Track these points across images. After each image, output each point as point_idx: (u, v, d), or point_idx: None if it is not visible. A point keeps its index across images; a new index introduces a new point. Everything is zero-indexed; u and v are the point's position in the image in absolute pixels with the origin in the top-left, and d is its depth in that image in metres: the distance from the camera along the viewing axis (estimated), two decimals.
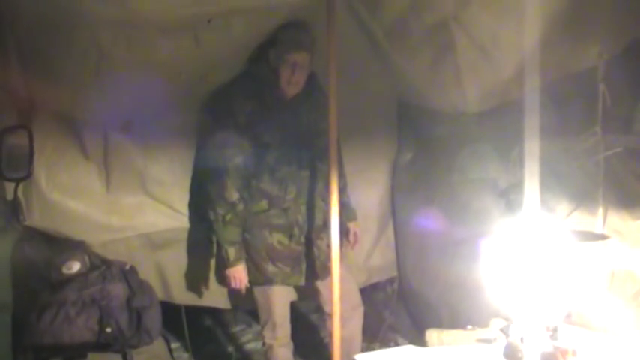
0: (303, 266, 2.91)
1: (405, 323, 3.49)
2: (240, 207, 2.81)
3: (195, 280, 3.23)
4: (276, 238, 2.85)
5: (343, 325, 2.74)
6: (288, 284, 2.94)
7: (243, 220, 2.83)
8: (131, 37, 2.45)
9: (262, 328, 2.99)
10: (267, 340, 2.97)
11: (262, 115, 2.78)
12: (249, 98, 2.79)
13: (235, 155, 2.77)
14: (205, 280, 3.22)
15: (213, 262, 3.20)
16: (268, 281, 2.89)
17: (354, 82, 3.10)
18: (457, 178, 3.04)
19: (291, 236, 2.87)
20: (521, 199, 1.77)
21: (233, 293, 3.19)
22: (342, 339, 2.72)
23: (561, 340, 1.97)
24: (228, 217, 2.79)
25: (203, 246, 3.18)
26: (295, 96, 2.83)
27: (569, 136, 2.38)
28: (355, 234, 3.14)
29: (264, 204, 2.84)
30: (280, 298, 2.94)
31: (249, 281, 2.88)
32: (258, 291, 2.94)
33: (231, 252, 2.81)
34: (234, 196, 2.78)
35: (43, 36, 2.44)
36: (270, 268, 2.87)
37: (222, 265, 2.96)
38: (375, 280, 3.63)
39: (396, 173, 3.55)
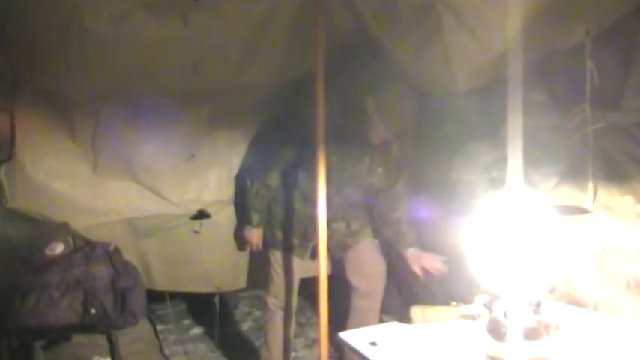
0: (311, 243, 2.98)
1: (396, 303, 3.49)
2: (275, 186, 3.06)
3: (177, 268, 3.24)
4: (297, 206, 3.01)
5: (363, 296, 3.07)
6: (296, 255, 3.06)
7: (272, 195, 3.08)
8: (115, 12, 2.42)
9: (266, 293, 3.15)
10: (270, 307, 3.13)
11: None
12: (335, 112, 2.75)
13: (291, 150, 2.98)
14: (188, 269, 3.24)
15: (196, 251, 3.22)
16: (281, 249, 3.06)
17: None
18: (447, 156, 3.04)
19: (306, 205, 2.96)
20: (504, 175, 1.76)
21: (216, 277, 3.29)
22: (360, 308, 3.07)
23: (545, 315, 1.96)
24: (262, 191, 3.07)
25: (187, 236, 3.21)
26: None
27: (558, 114, 2.37)
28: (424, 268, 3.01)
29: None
30: (291, 266, 3.07)
31: (267, 245, 3.11)
32: (272, 256, 3.11)
33: (255, 217, 3.11)
34: (275, 181, 3.06)
35: (25, 11, 2.40)
36: (284, 236, 3.05)
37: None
38: None
39: None
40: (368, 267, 3.12)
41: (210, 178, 3.24)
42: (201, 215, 3.22)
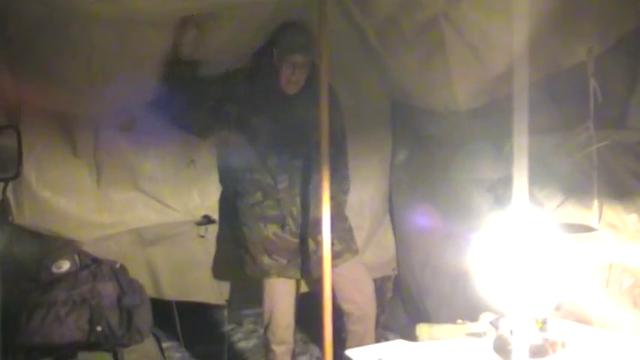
0: (300, 259, 2.89)
1: (401, 320, 3.49)
2: None
3: (185, 276, 3.22)
4: (270, 230, 2.88)
5: (357, 322, 2.94)
6: (284, 277, 2.94)
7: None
8: (122, 32, 2.46)
9: (265, 329, 2.99)
10: (271, 345, 2.96)
11: (255, 105, 2.85)
12: (244, 87, 2.86)
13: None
14: (196, 276, 3.23)
15: (203, 258, 3.21)
16: (265, 274, 2.92)
17: (346, 81, 3.11)
18: (454, 176, 3.04)
19: (283, 226, 2.88)
20: (509, 193, 1.77)
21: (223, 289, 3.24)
22: (356, 333, 2.94)
23: (551, 333, 1.97)
24: None
25: (193, 242, 3.19)
26: (295, 93, 2.87)
27: (562, 132, 2.38)
28: None
29: (259, 195, 2.90)
30: (281, 295, 2.95)
31: (249, 276, 2.96)
32: (261, 287, 2.95)
33: None
34: None
35: (34, 33, 2.43)
36: (266, 260, 2.89)
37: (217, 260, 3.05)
38: None
39: (393, 172, 3.56)
40: (357, 292, 2.97)
41: (211, 183, 3.22)
42: (206, 221, 3.21)
